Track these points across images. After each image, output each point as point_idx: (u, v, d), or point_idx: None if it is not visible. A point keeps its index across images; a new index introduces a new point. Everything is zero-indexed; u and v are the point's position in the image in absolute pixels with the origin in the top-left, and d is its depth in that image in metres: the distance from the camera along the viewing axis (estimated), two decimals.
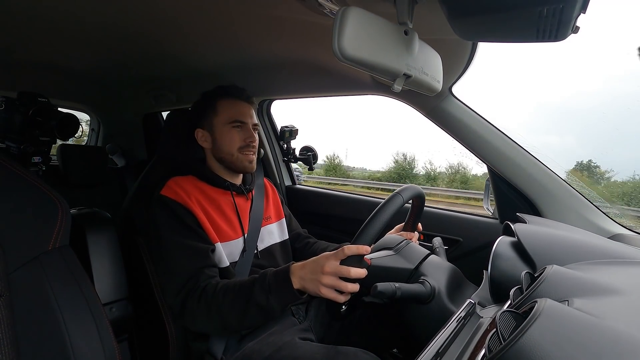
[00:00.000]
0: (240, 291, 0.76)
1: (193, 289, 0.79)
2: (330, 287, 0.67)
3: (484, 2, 0.44)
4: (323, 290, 0.68)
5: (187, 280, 0.80)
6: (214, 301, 0.76)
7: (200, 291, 0.78)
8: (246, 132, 0.97)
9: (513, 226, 0.75)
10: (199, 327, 0.80)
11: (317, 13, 0.74)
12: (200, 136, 0.99)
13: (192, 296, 0.78)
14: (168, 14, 0.87)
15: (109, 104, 1.89)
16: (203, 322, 0.78)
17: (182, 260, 0.82)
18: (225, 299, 0.76)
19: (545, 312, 0.34)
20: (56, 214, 0.64)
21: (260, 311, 0.74)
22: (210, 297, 0.77)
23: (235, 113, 0.96)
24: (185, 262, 0.82)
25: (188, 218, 0.86)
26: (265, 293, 0.73)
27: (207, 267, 0.83)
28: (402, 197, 0.75)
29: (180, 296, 0.79)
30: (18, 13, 0.89)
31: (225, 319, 0.76)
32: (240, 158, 0.97)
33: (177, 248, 0.83)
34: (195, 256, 0.83)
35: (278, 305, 0.73)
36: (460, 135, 1.06)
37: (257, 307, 0.73)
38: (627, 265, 0.61)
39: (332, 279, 0.67)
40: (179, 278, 0.81)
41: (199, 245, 0.84)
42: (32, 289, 0.58)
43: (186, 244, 0.83)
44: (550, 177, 1.00)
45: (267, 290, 0.74)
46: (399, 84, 0.53)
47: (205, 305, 0.77)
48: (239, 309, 0.75)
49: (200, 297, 0.78)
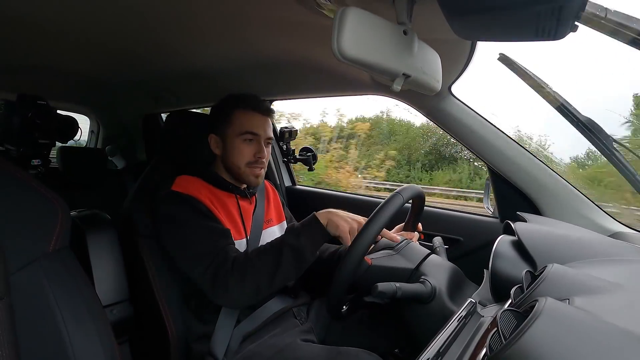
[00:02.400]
0: (272, 246, 0.82)
1: (223, 261, 0.80)
2: (346, 224, 0.81)
3: (482, 2, 0.44)
4: (342, 223, 0.81)
5: (216, 255, 0.81)
6: (248, 263, 0.80)
7: (232, 261, 0.80)
8: (257, 146, 0.96)
9: (513, 225, 0.75)
10: (231, 295, 0.79)
11: (316, 14, 0.74)
12: (213, 142, 0.99)
13: (224, 266, 0.79)
14: (167, 16, 0.87)
15: (109, 106, 1.88)
16: (236, 287, 0.78)
17: (208, 240, 0.83)
18: (259, 257, 0.81)
19: (546, 311, 0.34)
20: (56, 216, 0.64)
21: (292, 253, 0.79)
22: (243, 262, 0.80)
23: (249, 125, 0.95)
24: (211, 241, 0.83)
25: (203, 208, 0.88)
26: (296, 235, 0.81)
27: (232, 244, 0.86)
28: (402, 197, 0.76)
29: (210, 270, 0.80)
30: (17, 15, 0.89)
31: (260, 276, 0.78)
32: (247, 172, 0.96)
33: (201, 231, 0.84)
34: (220, 235, 0.86)
35: (309, 244, 0.80)
36: (460, 134, 1.06)
37: (289, 249, 0.79)
38: (627, 263, 0.61)
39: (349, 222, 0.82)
40: (207, 255, 0.81)
41: (221, 226, 0.87)
42: (32, 292, 0.58)
43: (209, 226, 0.86)
44: (550, 175, 1.00)
45: (297, 233, 0.81)
46: (399, 83, 0.53)
47: (239, 270, 0.79)
48: (272, 259, 0.79)
49: (233, 264, 0.80)
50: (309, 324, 0.97)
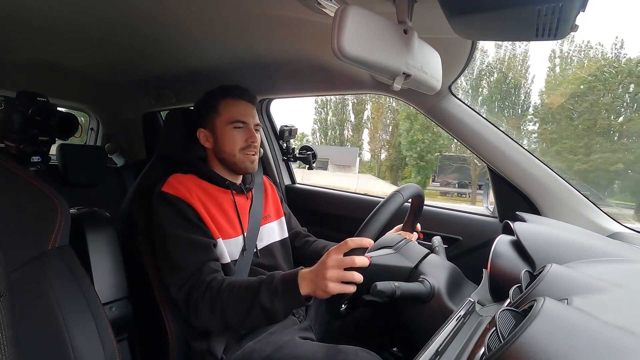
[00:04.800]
0: (246, 291, 0.76)
1: (197, 283, 0.79)
2: (336, 280, 0.67)
3: (483, 1, 0.44)
4: (330, 285, 0.67)
5: (191, 274, 0.80)
6: (218, 298, 0.77)
7: (205, 286, 0.79)
8: (248, 132, 0.97)
9: (512, 225, 0.75)
10: (201, 322, 0.80)
11: (317, 12, 0.74)
12: (203, 136, 0.99)
13: (197, 290, 0.78)
14: (167, 13, 0.87)
15: (108, 103, 1.88)
16: (205, 318, 0.78)
17: (185, 253, 0.82)
18: (230, 296, 0.76)
19: (544, 310, 0.34)
20: (55, 213, 0.64)
21: (263, 313, 0.73)
22: (215, 293, 0.77)
23: (237, 113, 0.96)
24: (189, 255, 0.82)
25: (190, 213, 0.87)
26: (271, 296, 0.73)
27: (210, 260, 0.84)
28: (402, 196, 0.76)
29: (184, 289, 0.80)
30: (16, 12, 0.89)
31: (228, 316, 0.76)
32: (242, 159, 0.96)
33: (180, 242, 0.83)
34: (199, 249, 0.83)
35: (282, 310, 0.73)
36: (460, 133, 1.06)
37: (261, 308, 0.73)
38: (626, 263, 0.61)
39: (337, 272, 0.67)
40: (183, 271, 0.81)
41: (202, 239, 0.85)
42: (32, 289, 0.58)
43: (189, 238, 0.84)
44: (549, 175, 1.00)
45: (273, 293, 0.73)
46: (399, 82, 0.53)
47: (210, 300, 0.77)
48: (243, 309, 0.75)
49: (205, 291, 0.78)
50: (308, 322, 0.97)
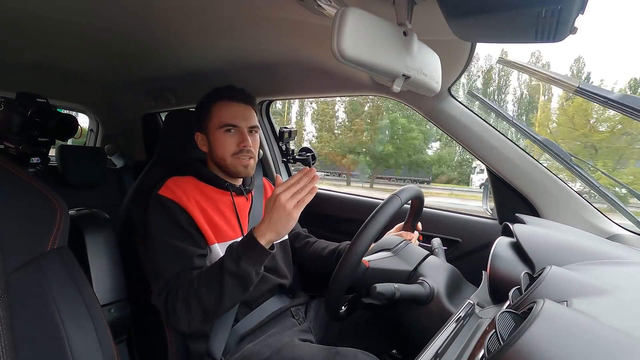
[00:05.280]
0: (212, 270, 0.76)
1: (173, 287, 0.79)
2: (294, 206, 0.71)
3: (482, 3, 0.44)
4: (293, 213, 0.71)
5: (169, 281, 0.80)
6: (190, 289, 0.76)
7: (177, 286, 0.78)
8: (240, 136, 0.93)
9: (512, 227, 0.75)
10: (183, 324, 0.78)
11: (316, 14, 0.74)
12: (200, 140, 0.98)
13: (172, 293, 0.78)
14: (167, 15, 0.87)
15: (108, 105, 1.88)
16: (185, 315, 0.77)
17: (167, 260, 0.82)
18: (200, 282, 0.76)
19: (543, 312, 0.34)
20: (54, 214, 0.63)
21: (233, 280, 0.74)
22: (186, 287, 0.77)
23: (227, 117, 0.93)
24: (170, 262, 0.81)
25: (183, 218, 0.85)
26: (234, 260, 0.74)
27: (192, 269, 0.82)
28: (400, 199, 0.76)
29: (162, 296, 0.79)
30: (16, 14, 0.89)
31: (204, 302, 0.75)
32: (235, 163, 0.94)
33: (165, 248, 0.83)
34: (181, 258, 0.82)
35: (250, 267, 0.74)
36: (459, 135, 1.06)
37: (230, 276, 0.73)
38: (625, 265, 0.61)
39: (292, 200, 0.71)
40: (162, 278, 0.81)
41: (187, 247, 0.83)
42: (30, 291, 0.57)
43: (174, 245, 0.83)
44: (549, 177, 1.00)
45: (235, 257, 0.74)
46: (398, 84, 0.53)
47: (183, 295, 0.76)
48: (213, 286, 0.75)
49: (178, 290, 0.77)
50: (307, 323, 0.97)
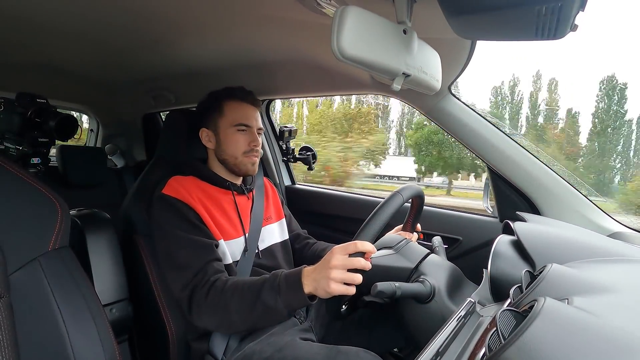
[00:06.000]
0: (249, 289, 0.75)
1: (201, 282, 0.79)
2: (339, 280, 0.65)
3: (482, 1, 0.44)
4: (333, 285, 0.65)
5: (195, 274, 0.80)
6: (222, 297, 0.76)
7: (209, 285, 0.78)
8: (251, 136, 0.97)
9: (513, 225, 0.75)
10: (204, 323, 0.79)
11: (316, 12, 0.74)
12: (205, 136, 0.98)
13: (201, 290, 0.78)
14: (167, 14, 0.87)
15: (108, 105, 1.88)
16: (209, 318, 0.78)
17: (188, 254, 0.82)
18: (233, 295, 0.76)
19: (544, 310, 0.34)
20: (55, 215, 0.64)
21: (266, 311, 0.73)
22: (218, 293, 0.77)
23: (241, 116, 0.96)
24: (192, 255, 0.82)
25: (190, 215, 0.87)
26: (274, 294, 0.72)
27: (214, 260, 0.84)
28: (402, 196, 0.76)
29: (188, 289, 0.79)
30: (16, 14, 0.89)
31: (231, 316, 0.75)
32: (244, 161, 0.96)
33: (183, 243, 0.83)
34: (202, 250, 0.83)
35: (285, 308, 0.72)
36: (460, 134, 1.06)
37: (264, 307, 0.73)
38: (626, 263, 0.61)
39: (341, 272, 0.65)
40: (187, 272, 0.81)
41: (203, 239, 0.85)
42: (32, 291, 0.58)
43: (191, 239, 0.84)
44: (549, 175, 1.00)
45: (276, 291, 0.73)
46: (398, 82, 0.53)
47: (213, 300, 0.77)
48: (246, 307, 0.74)
49: (209, 291, 0.78)
50: (309, 323, 0.97)
